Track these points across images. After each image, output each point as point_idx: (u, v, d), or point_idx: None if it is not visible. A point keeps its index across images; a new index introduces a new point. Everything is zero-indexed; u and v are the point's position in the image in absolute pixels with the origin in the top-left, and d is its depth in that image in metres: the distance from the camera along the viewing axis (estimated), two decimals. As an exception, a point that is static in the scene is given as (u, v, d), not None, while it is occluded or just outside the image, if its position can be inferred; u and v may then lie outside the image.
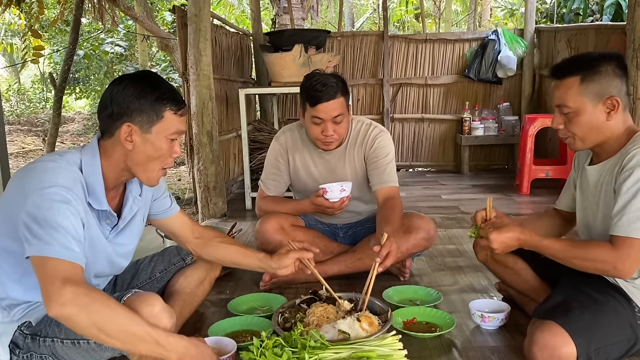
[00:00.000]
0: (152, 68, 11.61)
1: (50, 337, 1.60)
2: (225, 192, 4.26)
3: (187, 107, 1.70)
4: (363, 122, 2.64)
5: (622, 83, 1.71)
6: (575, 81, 1.71)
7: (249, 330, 2.06)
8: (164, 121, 1.61)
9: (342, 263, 2.57)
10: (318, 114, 2.39)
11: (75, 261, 1.44)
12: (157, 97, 1.60)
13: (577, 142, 1.78)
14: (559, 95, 1.75)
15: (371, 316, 1.95)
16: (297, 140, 2.63)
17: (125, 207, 1.75)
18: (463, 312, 2.24)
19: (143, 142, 1.61)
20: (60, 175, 1.52)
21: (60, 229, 1.44)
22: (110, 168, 1.65)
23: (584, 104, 1.71)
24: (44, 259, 1.41)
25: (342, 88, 2.42)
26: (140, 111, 1.59)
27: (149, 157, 1.63)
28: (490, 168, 6.18)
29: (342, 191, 2.38)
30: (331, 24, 13.19)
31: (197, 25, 3.85)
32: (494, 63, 5.94)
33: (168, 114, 1.62)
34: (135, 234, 1.83)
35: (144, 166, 1.65)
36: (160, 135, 1.62)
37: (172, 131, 1.63)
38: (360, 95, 6.32)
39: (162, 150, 1.63)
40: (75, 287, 1.37)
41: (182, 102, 1.66)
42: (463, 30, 13.02)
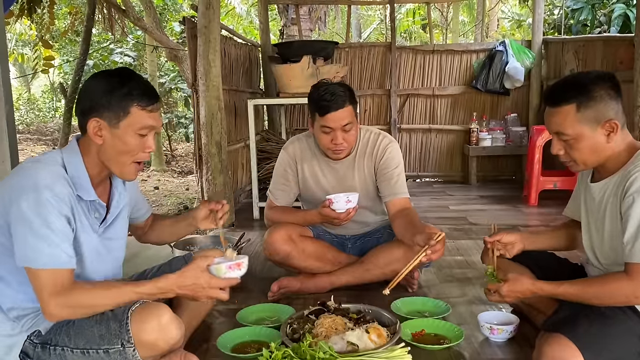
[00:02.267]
0: (161, 78, 11.69)
1: (60, 345, 1.61)
2: (233, 202, 4.27)
3: (159, 102, 1.69)
4: (372, 132, 2.66)
5: (617, 104, 1.70)
6: (571, 109, 1.69)
7: (258, 341, 2.06)
8: (131, 116, 1.63)
9: (350, 274, 2.57)
10: (327, 123, 2.41)
11: (60, 267, 1.53)
12: (125, 92, 1.62)
13: (579, 166, 1.78)
14: (556, 123, 1.73)
15: (380, 328, 1.95)
16: (306, 150, 2.65)
17: (113, 201, 1.79)
18: (472, 324, 2.23)
19: (112, 137, 1.64)
20: (40, 176, 1.55)
21: (42, 234, 1.51)
22: (90, 164, 1.68)
23: (582, 130, 1.69)
24: (30, 270, 1.53)
25: (350, 97, 2.44)
26: (108, 106, 1.62)
27: (119, 152, 1.65)
28: (497, 179, 6.17)
29: (348, 202, 2.38)
30: (338, 34, 13.25)
31: (206, 37, 3.89)
32: (501, 74, 5.95)
33: (135, 109, 1.63)
34: (123, 228, 1.87)
35: (116, 161, 1.67)
36: (128, 131, 1.64)
37: (140, 126, 1.64)
38: (368, 106, 6.34)
39: (131, 146, 1.65)
40: (60, 295, 1.51)
41: (153, 98, 1.66)
42: (470, 41, 13.04)
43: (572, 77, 1.81)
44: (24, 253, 1.52)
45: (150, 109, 1.66)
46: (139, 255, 3.28)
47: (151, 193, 7.81)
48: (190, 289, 1.64)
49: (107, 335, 1.58)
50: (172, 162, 11.18)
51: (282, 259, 2.55)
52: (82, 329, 1.61)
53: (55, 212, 1.53)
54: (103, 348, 1.58)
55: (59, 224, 1.54)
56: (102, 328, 1.59)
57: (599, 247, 1.84)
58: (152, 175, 9.75)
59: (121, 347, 1.56)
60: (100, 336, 1.58)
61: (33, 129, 13.48)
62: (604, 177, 1.79)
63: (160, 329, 1.57)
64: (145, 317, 1.57)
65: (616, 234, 1.71)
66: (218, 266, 1.64)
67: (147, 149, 1.68)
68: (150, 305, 1.61)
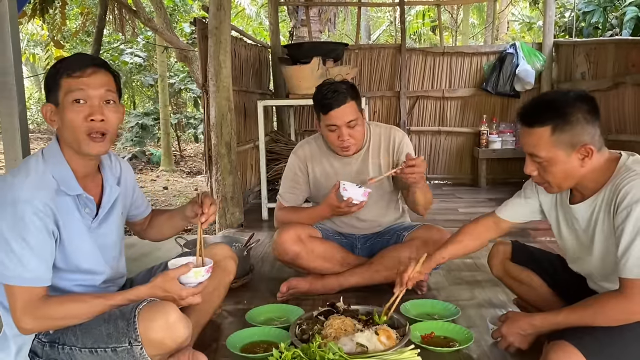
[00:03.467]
0: (171, 79, 11.75)
1: (68, 345, 1.63)
2: (242, 203, 4.28)
3: (91, 68, 1.62)
4: (381, 126, 2.71)
5: (594, 128, 1.65)
6: (545, 132, 1.64)
7: (267, 341, 2.06)
8: (62, 89, 1.61)
9: (359, 275, 2.57)
10: (332, 121, 2.44)
11: (34, 285, 1.55)
12: (56, 70, 1.63)
13: (552, 188, 1.75)
14: (530, 145, 1.69)
15: (389, 330, 1.95)
16: (316, 151, 2.66)
17: (104, 196, 1.78)
18: (481, 327, 2.22)
19: (59, 117, 1.64)
20: (19, 190, 1.55)
21: (19, 253, 1.53)
22: (71, 156, 1.68)
23: (556, 154, 1.65)
24: (5, 286, 1.56)
25: (352, 93, 2.46)
26: (49, 89, 1.64)
27: (68, 129, 1.63)
28: (507, 182, 6.12)
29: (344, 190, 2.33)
30: (348, 36, 13.25)
31: (217, 38, 3.90)
32: (511, 76, 5.92)
33: (64, 81, 1.61)
34: (117, 224, 1.85)
35: (72, 139, 1.64)
36: (66, 104, 1.61)
37: (72, 94, 1.60)
38: (377, 108, 6.33)
39: (72, 118, 1.61)
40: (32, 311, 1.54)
41: (80, 64, 1.62)
42: (480, 43, 13.00)
43: (549, 96, 1.77)
44: (1, 271, 1.54)
45: (78, 75, 1.61)
46: (149, 255, 3.30)
47: (160, 193, 7.85)
48: (162, 299, 1.65)
49: (114, 333, 1.58)
50: (181, 163, 11.22)
51: (291, 260, 2.55)
52: (90, 327, 1.61)
53: (32, 228, 1.53)
54: (111, 347, 1.58)
55: (38, 240, 1.55)
56: (110, 327, 1.59)
57: (589, 263, 1.82)
58: (162, 175, 9.80)
59: (129, 346, 1.56)
60: (108, 335, 1.59)
61: (44, 129, 13.60)
62: (588, 196, 1.74)
63: (168, 327, 1.57)
64: (152, 315, 1.57)
65: (610, 250, 1.68)
66: (186, 275, 1.66)
67: (89, 116, 1.61)
68: (157, 304, 1.61)
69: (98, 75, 1.64)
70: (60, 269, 1.66)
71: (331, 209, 2.47)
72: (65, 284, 1.69)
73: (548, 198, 1.94)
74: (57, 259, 1.64)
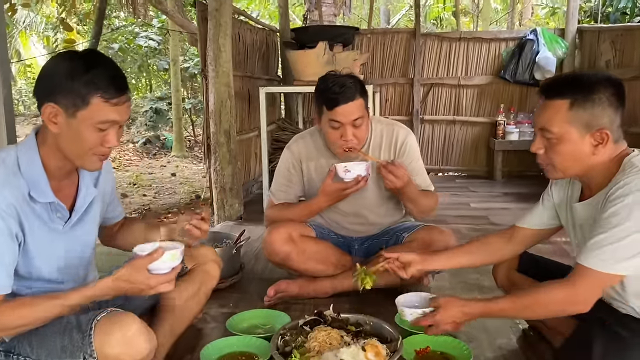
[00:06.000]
0: (184, 63, 11.61)
1: (23, 355, 1.51)
2: (241, 194, 4.11)
3: (126, 95, 1.48)
4: (384, 123, 2.48)
5: (616, 114, 1.50)
6: (563, 105, 1.50)
7: (246, 352, 1.90)
8: (90, 108, 1.43)
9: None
10: (336, 117, 2.22)
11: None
12: (87, 80, 1.41)
13: (556, 172, 1.60)
14: (543, 118, 1.55)
15: (378, 345, 1.76)
16: (311, 148, 2.46)
17: (79, 198, 1.62)
18: (483, 340, 2.04)
19: (67, 126, 1.44)
20: None
21: None
22: (49, 157, 1.50)
23: (569, 132, 1.50)
24: None
25: (360, 89, 2.25)
26: (67, 92, 1.42)
27: (74, 144, 1.47)
28: (524, 175, 5.86)
29: (348, 172, 2.20)
30: (365, 20, 12.95)
31: (217, 20, 3.71)
32: (531, 64, 5.65)
33: (97, 100, 1.43)
34: (92, 226, 1.70)
35: (72, 152, 1.49)
36: (86, 123, 1.44)
37: (100, 120, 1.44)
38: (389, 95, 6.10)
39: (87, 140, 1.45)
40: None
41: (120, 89, 1.45)
42: (502, 29, 12.60)
43: (576, 73, 1.65)
44: None
45: (115, 102, 1.44)
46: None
47: (167, 180, 7.73)
48: (129, 291, 1.48)
49: (69, 346, 1.45)
50: (195, 148, 11.12)
51: (281, 261, 2.38)
52: (45, 337, 1.48)
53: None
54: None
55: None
56: (65, 339, 1.46)
57: None
58: (172, 161, 9.71)
59: None
60: (62, 348, 1.46)
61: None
62: (593, 193, 1.58)
63: (125, 342, 1.43)
64: (109, 328, 1.43)
65: None
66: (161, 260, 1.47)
67: (105, 143, 1.48)
68: (116, 316, 1.47)
69: (127, 103, 1.49)
70: (22, 277, 1.51)
71: (329, 198, 2.30)
72: (26, 292, 1.53)
73: (560, 195, 1.77)
74: (19, 266, 1.48)
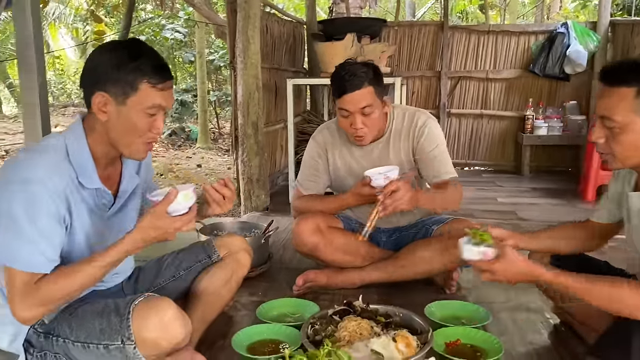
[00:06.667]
0: (210, 55, 11.69)
1: (62, 337, 1.54)
2: (268, 185, 4.14)
3: (171, 81, 1.54)
4: (407, 111, 2.44)
5: None
6: (629, 93, 1.43)
7: (276, 340, 1.92)
8: (139, 93, 1.47)
9: (382, 270, 2.38)
10: (344, 106, 2.23)
11: (37, 271, 1.42)
12: (134, 67, 1.46)
13: (616, 162, 1.53)
14: (606, 106, 1.48)
15: (409, 336, 1.75)
16: (336, 136, 2.46)
17: (122, 185, 1.66)
18: (514, 335, 2.02)
19: (117, 114, 1.49)
20: (33, 169, 1.42)
21: (27, 235, 1.40)
22: (97, 144, 1.55)
23: (634, 121, 1.44)
24: (7, 269, 1.42)
25: (372, 77, 2.23)
26: (116, 81, 1.46)
27: (124, 130, 1.51)
28: (552, 170, 5.78)
29: (387, 179, 2.18)
30: (391, 13, 12.86)
31: (246, 12, 3.73)
32: (561, 58, 5.56)
33: (145, 86, 1.47)
34: (132, 215, 1.74)
35: (122, 139, 1.52)
36: (136, 109, 1.48)
37: (149, 105, 1.49)
38: (416, 88, 6.06)
39: (137, 125, 1.50)
40: (29, 296, 1.41)
41: (165, 75, 1.51)
42: (528, 22, 12.38)
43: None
44: (5, 252, 1.41)
45: (161, 87, 1.49)
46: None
47: (193, 171, 7.81)
48: (156, 239, 1.50)
49: (107, 329, 1.48)
50: (219, 140, 11.20)
51: (309, 251, 2.39)
52: (84, 320, 1.52)
53: (44, 210, 1.41)
54: (103, 344, 1.49)
55: (47, 224, 1.42)
56: (104, 321, 1.49)
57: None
58: (198, 153, 9.80)
59: (121, 344, 1.47)
60: (100, 330, 1.49)
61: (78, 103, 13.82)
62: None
63: (162, 326, 1.46)
64: (146, 312, 1.46)
65: None
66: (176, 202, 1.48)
67: (154, 129, 1.52)
68: (153, 300, 1.50)
69: (171, 90, 1.55)
70: (67, 260, 1.54)
71: (360, 200, 2.30)
72: None
73: (618, 185, 1.73)
74: (65, 250, 1.52)
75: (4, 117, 12.58)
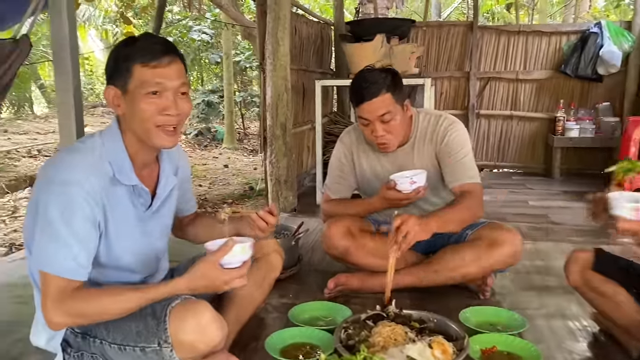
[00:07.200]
0: (236, 56, 11.75)
1: (99, 338, 1.55)
2: (296, 186, 4.14)
3: (168, 57, 1.49)
4: (431, 115, 2.40)
5: None
6: None
7: (309, 344, 1.91)
8: (135, 77, 1.47)
9: (414, 275, 2.35)
10: (363, 114, 2.21)
11: (71, 277, 1.43)
12: (127, 53, 1.48)
13: None
14: None
15: (445, 342, 1.73)
16: (362, 139, 2.44)
17: (160, 186, 1.67)
18: (551, 341, 1.97)
19: (126, 104, 1.50)
20: (71, 170, 1.44)
21: (62, 239, 1.41)
22: (129, 142, 1.56)
23: None
24: (41, 272, 1.43)
25: (390, 83, 2.19)
26: (116, 72, 1.49)
27: (137, 119, 1.50)
28: (583, 173, 5.66)
29: (413, 183, 2.17)
30: (417, 13, 12.77)
31: (276, 14, 3.73)
32: (594, 58, 5.44)
33: (137, 68, 1.47)
34: (168, 216, 1.75)
35: (139, 129, 1.52)
36: (137, 94, 1.48)
37: (145, 85, 1.47)
38: (444, 89, 6.00)
39: (144, 109, 1.49)
40: (64, 303, 1.41)
41: (157, 53, 1.48)
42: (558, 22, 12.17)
43: None
44: (40, 255, 1.43)
45: (154, 65, 1.47)
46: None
47: (220, 171, 7.86)
48: (203, 289, 1.50)
49: (144, 332, 1.48)
50: (245, 140, 11.26)
51: (340, 255, 2.37)
52: (121, 322, 1.51)
53: (79, 213, 1.42)
54: (140, 346, 1.49)
55: (82, 227, 1.42)
56: (140, 324, 1.49)
57: None
58: (224, 153, 9.87)
59: (158, 347, 1.46)
60: (137, 333, 1.49)
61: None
62: None
63: (200, 329, 1.45)
64: (183, 315, 1.45)
65: None
66: (231, 254, 1.47)
67: (163, 111, 1.50)
68: (190, 303, 1.48)
69: (174, 66, 1.51)
70: (101, 264, 1.55)
71: (388, 204, 2.27)
72: (102, 279, 1.59)
73: None
74: (100, 253, 1.53)
75: (35, 117, 12.84)
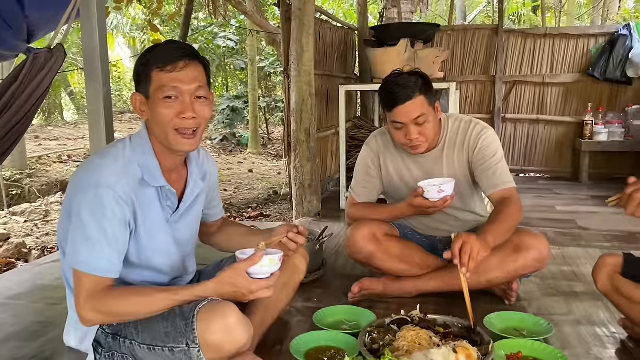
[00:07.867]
0: (261, 62, 11.86)
1: (129, 338, 1.59)
2: (320, 191, 4.16)
3: (184, 61, 1.54)
4: (461, 120, 2.39)
5: None
6: None
7: (334, 347, 1.92)
8: (153, 82, 1.55)
9: (439, 280, 2.34)
10: (397, 118, 2.20)
11: (103, 275, 1.49)
12: (146, 59, 1.56)
13: None
14: None
15: (469, 347, 1.72)
16: (389, 144, 2.44)
17: (187, 189, 1.72)
18: (578, 348, 1.95)
19: (149, 109, 1.58)
20: (102, 174, 1.51)
21: (95, 239, 1.47)
22: (160, 147, 1.62)
23: None
24: (75, 271, 1.50)
25: (422, 86, 2.19)
26: (139, 78, 1.58)
27: (158, 122, 1.57)
28: (612, 178, 5.56)
29: (441, 192, 2.16)
30: (442, 17, 12.72)
31: (300, 20, 3.77)
32: (624, 61, 5.36)
33: (155, 73, 1.54)
34: (195, 220, 1.81)
35: (160, 133, 1.59)
36: (156, 98, 1.55)
37: (162, 89, 1.54)
38: (470, 93, 5.96)
39: (163, 113, 1.55)
40: (96, 301, 1.47)
41: (173, 57, 1.53)
42: (586, 24, 11.98)
43: None
44: (73, 254, 1.50)
45: (170, 69, 1.53)
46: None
47: (245, 176, 7.94)
48: (230, 296, 1.53)
49: (172, 332, 1.51)
50: (269, 145, 11.35)
51: (364, 259, 2.38)
52: (150, 323, 1.56)
53: (111, 215, 1.48)
54: (168, 346, 1.52)
55: (114, 228, 1.49)
56: (169, 325, 1.52)
57: None
58: (248, 158, 9.96)
59: (186, 347, 1.49)
60: (166, 333, 1.52)
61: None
62: None
63: (227, 330, 1.48)
64: (211, 316, 1.48)
65: None
66: (260, 265, 1.51)
67: (180, 114, 1.55)
68: (217, 305, 1.51)
69: (190, 70, 1.56)
70: (132, 263, 1.62)
71: (415, 211, 2.27)
72: (133, 278, 1.65)
73: None
74: (130, 253, 1.60)
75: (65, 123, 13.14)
